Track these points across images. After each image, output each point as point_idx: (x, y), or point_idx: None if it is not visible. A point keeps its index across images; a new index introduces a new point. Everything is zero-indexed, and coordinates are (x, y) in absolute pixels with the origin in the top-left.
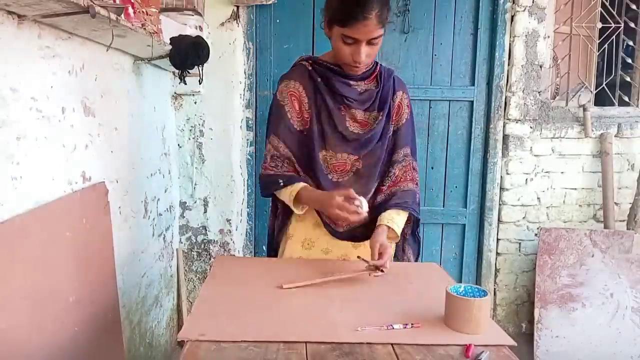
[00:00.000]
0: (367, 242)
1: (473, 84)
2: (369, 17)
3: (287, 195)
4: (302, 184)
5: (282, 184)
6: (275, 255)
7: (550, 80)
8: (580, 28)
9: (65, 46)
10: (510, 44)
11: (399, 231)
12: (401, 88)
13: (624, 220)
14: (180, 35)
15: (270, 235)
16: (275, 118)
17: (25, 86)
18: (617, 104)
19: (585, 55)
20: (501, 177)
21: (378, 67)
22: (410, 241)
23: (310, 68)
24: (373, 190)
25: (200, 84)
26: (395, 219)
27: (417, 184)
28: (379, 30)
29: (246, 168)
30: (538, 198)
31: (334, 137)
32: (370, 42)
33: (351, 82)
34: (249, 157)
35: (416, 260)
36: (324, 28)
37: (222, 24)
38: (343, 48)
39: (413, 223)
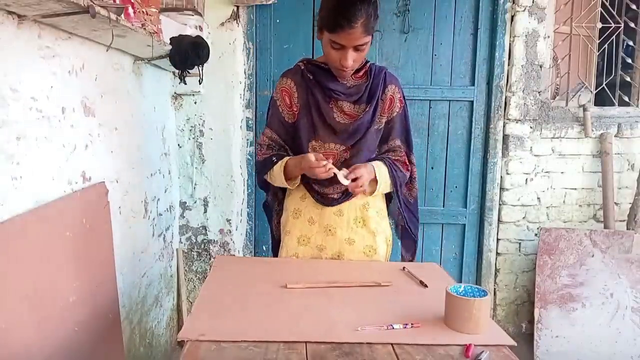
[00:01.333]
0: (357, 242)
1: (473, 84)
2: (355, 26)
3: (278, 169)
4: (289, 157)
5: (275, 160)
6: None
7: (550, 80)
8: (580, 28)
9: (65, 46)
10: (510, 44)
11: (378, 174)
12: (393, 82)
13: (624, 220)
14: (180, 35)
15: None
16: (271, 112)
17: (25, 86)
18: (617, 104)
19: (585, 55)
20: (501, 177)
21: (367, 64)
22: (405, 236)
23: (303, 67)
24: None
25: (200, 84)
26: (378, 164)
27: (409, 170)
28: (364, 37)
29: (246, 168)
30: (538, 198)
31: (323, 129)
32: (357, 48)
33: (339, 78)
34: (249, 157)
35: (412, 258)
36: (317, 34)
37: (222, 24)
38: (331, 53)
39: (404, 218)
